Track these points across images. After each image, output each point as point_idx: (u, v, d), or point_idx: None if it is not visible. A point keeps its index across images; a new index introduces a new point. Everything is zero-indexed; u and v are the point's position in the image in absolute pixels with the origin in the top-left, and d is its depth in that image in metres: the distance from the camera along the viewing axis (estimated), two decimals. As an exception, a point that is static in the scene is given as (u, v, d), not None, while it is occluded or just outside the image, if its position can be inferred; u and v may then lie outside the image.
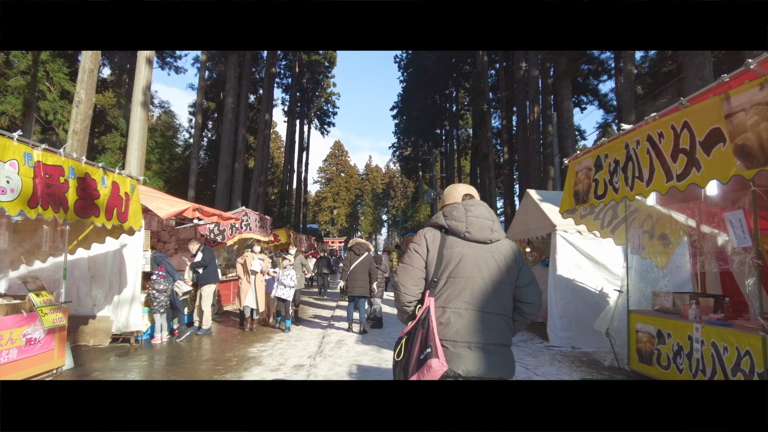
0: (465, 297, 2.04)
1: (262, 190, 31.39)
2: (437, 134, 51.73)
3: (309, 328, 9.21)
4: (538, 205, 8.27)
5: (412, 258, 2.17)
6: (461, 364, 1.96)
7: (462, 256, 2.09)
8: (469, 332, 2.00)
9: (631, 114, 17.02)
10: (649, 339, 5.01)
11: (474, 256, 2.09)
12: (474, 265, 2.08)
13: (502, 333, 2.05)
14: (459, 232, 2.13)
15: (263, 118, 31.60)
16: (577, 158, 5.75)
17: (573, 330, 7.29)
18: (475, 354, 1.97)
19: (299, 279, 9.48)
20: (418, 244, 2.20)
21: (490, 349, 2.00)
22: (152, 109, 31.53)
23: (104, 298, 7.12)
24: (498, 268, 2.09)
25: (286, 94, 44.91)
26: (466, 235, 2.12)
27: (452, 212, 2.18)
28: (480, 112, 29.91)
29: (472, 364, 1.96)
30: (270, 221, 13.68)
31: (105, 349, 6.84)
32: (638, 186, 4.46)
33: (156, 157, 21.17)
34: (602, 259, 7.40)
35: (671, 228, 6.00)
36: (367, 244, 9.17)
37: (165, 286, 7.16)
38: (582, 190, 5.55)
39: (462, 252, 2.10)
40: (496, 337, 2.03)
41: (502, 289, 2.08)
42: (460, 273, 2.07)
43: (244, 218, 10.72)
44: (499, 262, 2.10)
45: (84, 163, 4.68)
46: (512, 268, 2.13)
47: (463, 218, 2.14)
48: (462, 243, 2.12)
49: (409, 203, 72.22)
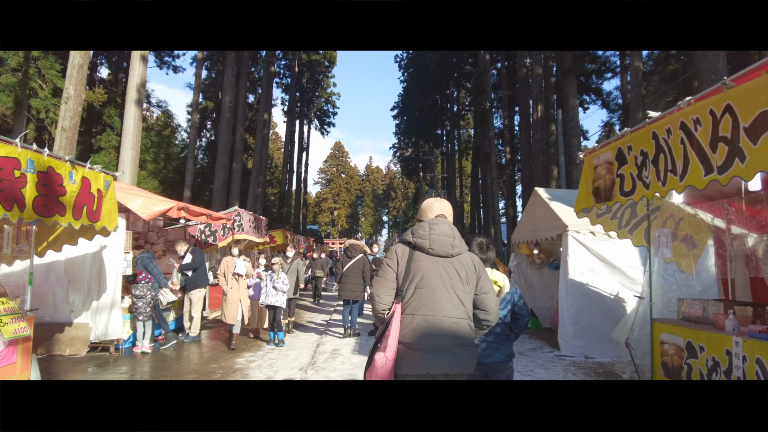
0: (430, 305, 2.32)
1: (260, 191, 30.91)
2: (438, 135, 51.27)
3: (303, 334, 8.70)
4: (548, 204, 7.76)
5: (385, 271, 2.45)
6: (426, 365, 2.24)
7: (427, 268, 2.38)
8: (434, 335, 2.28)
9: (639, 111, 16.51)
10: (676, 351, 4.50)
11: (437, 268, 2.38)
12: (437, 276, 2.36)
13: (464, 334, 2.34)
14: (424, 248, 2.42)
15: (261, 117, 31.12)
16: (594, 151, 5.23)
17: (586, 338, 6.77)
18: (439, 357, 2.25)
19: (291, 286, 8.40)
20: (390, 258, 2.48)
21: (454, 350, 2.29)
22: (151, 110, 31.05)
23: (82, 304, 6.62)
24: (459, 278, 2.39)
25: (285, 93, 44.45)
26: (430, 251, 2.41)
27: (418, 230, 2.48)
28: (482, 111, 29.39)
29: (435, 364, 2.24)
30: (266, 222, 13.16)
31: (81, 359, 6.34)
32: (671, 181, 3.95)
33: (151, 156, 20.68)
34: (617, 262, 6.89)
35: (696, 229, 5.49)
36: (362, 246, 8.68)
37: (146, 292, 6.64)
38: (604, 186, 5.03)
39: (427, 265, 2.39)
40: (460, 340, 2.32)
41: (463, 296, 2.38)
42: (425, 284, 2.35)
43: (237, 218, 10.21)
44: (460, 273, 2.40)
45: (47, 155, 4.18)
46: (471, 277, 2.44)
47: (427, 236, 2.43)
48: (427, 257, 2.41)
49: (410, 204, 71.81)
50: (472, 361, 2.37)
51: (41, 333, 6.42)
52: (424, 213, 2.65)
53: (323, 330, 9.14)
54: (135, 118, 16.05)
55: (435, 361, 2.25)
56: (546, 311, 9.48)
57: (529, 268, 9.46)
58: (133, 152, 15.99)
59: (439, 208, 2.62)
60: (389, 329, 2.28)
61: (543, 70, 23.07)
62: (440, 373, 2.25)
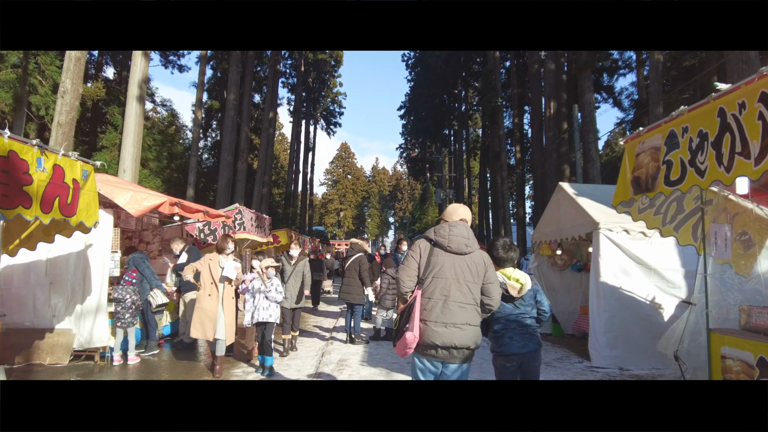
0: (444, 291, 2.87)
1: (266, 191, 30.38)
2: (445, 135, 50.57)
3: (308, 339, 8.08)
4: (574, 199, 7.10)
5: (409, 261, 2.99)
6: (439, 337, 2.81)
7: (444, 262, 2.92)
8: (445, 316, 2.84)
9: (658, 106, 15.78)
10: (744, 369, 3.83)
11: (452, 263, 2.92)
12: (451, 269, 2.90)
13: (471, 316, 2.89)
14: (443, 245, 2.94)
15: (267, 116, 30.62)
16: (638, 137, 4.57)
17: (620, 348, 6.10)
18: (450, 330, 2.82)
19: (294, 292, 6.91)
20: (414, 251, 3.02)
21: (462, 327, 2.84)
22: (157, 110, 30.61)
23: (65, 308, 6.04)
24: (469, 271, 2.92)
25: (291, 93, 44.02)
26: (448, 248, 2.93)
27: (440, 230, 2.99)
28: (491, 109, 28.68)
29: (446, 337, 2.81)
30: (269, 221, 12.58)
31: (62, 369, 5.75)
32: (740, 165, 3.28)
33: (154, 154, 20.20)
34: (654, 263, 6.21)
35: (754, 225, 4.81)
36: (362, 244, 8.08)
37: (125, 296, 6.03)
38: (645, 176, 4.38)
39: (444, 260, 2.92)
40: (466, 319, 2.86)
41: (472, 286, 2.92)
42: (441, 274, 2.90)
43: (238, 216, 9.62)
44: (471, 268, 2.93)
45: (7, 137, 3.59)
46: (480, 271, 2.96)
47: (446, 236, 2.95)
48: (445, 253, 2.93)
49: (417, 205, 71.11)
50: (477, 338, 2.91)
51: (20, 340, 5.86)
52: (448, 215, 3.16)
53: (329, 336, 8.52)
54: (136, 115, 15.58)
55: (446, 334, 2.80)
56: (568, 316, 8.80)
57: (550, 271, 8.79)
58: (135, 150, 15.54)
59: (462, 213, 3.13)
60: (413, 311, 2.84)
61: (556, 66, 22.35)
62: (450, 344, 2.81)
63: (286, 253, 7.49)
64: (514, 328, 3.38)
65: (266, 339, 5.66)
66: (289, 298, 6.81)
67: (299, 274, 7.14)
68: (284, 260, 7.21)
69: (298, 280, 7.08)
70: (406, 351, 2.88)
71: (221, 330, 5.49)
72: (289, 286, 6.91)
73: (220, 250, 5.76)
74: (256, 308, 5.69)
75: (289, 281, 6.97)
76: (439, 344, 2.81)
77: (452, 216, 3.12)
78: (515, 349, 3.33)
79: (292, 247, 7.54)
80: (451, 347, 2.82)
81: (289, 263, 7.18)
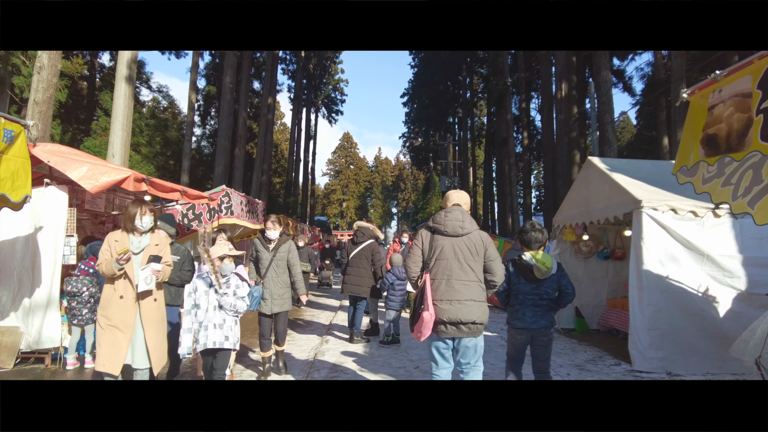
0: (447, 271, 3.17)
1: (265, 179, 29.38)
2: (449, 123, 49.36)
3: (302, 335, 7.16)
4: (608, 175, 6.10)
5: (413, 249, 3.33)
6: (445, 314, 3.09)
7: (444, 245, 3.22)
8: (449, 293, 3.13)
9: (682, 82, 14.68)
10: None
11: (451, 245, 3.21)
12: (451, 250, 3.20)
13: (475, 293, 3.16)
14: (441, 230, 3.25)
15: (265, 101, 29.57)
16: (711, 84, 3.57)
17: (667, 349, 5.14)
18: (455, 307, 3.09)
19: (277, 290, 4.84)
20: (417, 240, 3.36)
21: (466, 303, 3.10)
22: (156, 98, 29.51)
23: (11, 302, 5.12)
24: (468, 251, 3.20)
25: (291, 80, 42.92)
26: (445, 232, 3.24)
27: (437, 218, 3.31)
28: (498, 93, 27.50)
29: (452, 314, 3.09)
30: (263, 206, 11.63)
31: (7, 373, 4.85)
32: None
33: (146, 139, 19.27)
34: (707, 248, 5.23)
35: None
36: (373, 229, 7.07)
37: (82, 288, 5.11)
38: (728, 132, 3.39)
39: (444, 243, 3.23)
40: (470, 295, 3.13)
41: (473, 265, 3.19)
42: (443, 256, 3.21)
43: (225, 199, 8.67)
44: (470, 247, 3.20)
45: None
46: (480, 250, 3.22)
47: (442, 221, 3.26)
48: (444, 237, 3.24)
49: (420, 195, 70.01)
50: (483, 312, 3.16)
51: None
52: (444, 202, 3.48)
53: (325, 331, 7.59)
54: (125, 97, 14.55)
55: (451, 310, 3.09)
56: (593, 310, 7.85)
57: (573, 259, 7.81)
58: (124, 133, 14.55)
59: (455, 198, 3.42)
60: (426, 293, 3.13)
61: (567, 46, 21.14)
62: (456, 320, 3.09)
63: (260, 235, 5.07)
64: (529, 306, 3.65)
65: (217, 372, 3.55)
66: (268, 300, 4.75)
67: (282, 264, 4.88)
68: (258, 244, 4.97)
69: (282, 273, 4.87)
70: (424, 332, 3.09)
71: (140, 355, 3.36)
72: (268, 282, 4.78)
73: (128, 222, 3.45)
74: (203, 325, 3.51)
75: (267, 275, 4.80)
76: (446, 320, 3.08)
77: (447, 203, 3.43)
78: (527, 324, 3.63)
79: (269, 227, 4.92)
80: (458, 322, 3.08)
81: (267, 249, 4.89)
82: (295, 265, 4.99)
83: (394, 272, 6.58)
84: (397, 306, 6.58)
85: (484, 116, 49.62)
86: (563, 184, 20.29)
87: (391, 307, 6.57)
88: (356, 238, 6.92)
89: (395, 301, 6.56)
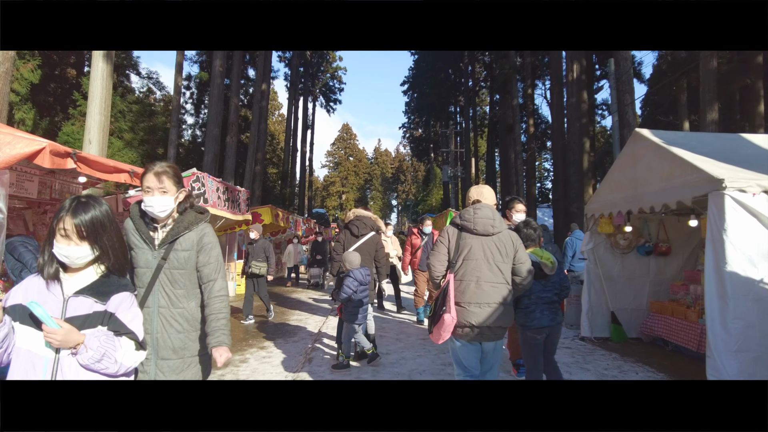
0: (475, 273, 2.94)
1: (259, 169, 28.03)
2: (451, 112, 47.94)
3: (281, 352, 5.87)
4: (668, 150, 4.78)
5: (439, 247, 3.08)
6: (474, 317, 2.88)
7: (472, 244, 2.98)
8: (478, 296, 2.91)
9: (712, 59, 13.35)
10: None
11: (481, 244, 2.98)
12: (480, 251, 2.97)
13: (503, 295, 2.95)
14: (469, 229, 3.01)
15: (259, 87, 28.20)
16: None
17: (762, 375, 3.86)
18: (484, 310, 2.89)
19: None
20: (443, 237, 3.10)
21: (495, 306, 2.90)
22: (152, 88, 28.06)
23: None
24: (498, 252, 2.98)
25: (288, 68, 41.34)
26: (474, 231, 2.99)
27: (464, 215, 3.07)
28: (503, 77, 26.06)
29: (481, 317, 2.88)
30: (247, 195, 10.31)
31: None
32: None
33: (128, 125, 17.92)
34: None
35: None
36: (375, 219, 5.69)
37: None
38: None
39: (472, 242, 2.99)
40: (498, 298, 2.92)
41: (502, 266, 2.98)
42: (471, 257, 2.97)
43: (195, 185, 7.35)
44: (500, 248, 2.98)
45: None
46: (510, 251, 3.01)
47: (471, 219, 3.01)
48: (472, 236, 3.00)
49: (420, 187, 68.73)
50: (511, 316, 3.02)
51: None
52: (467, 200, 3.29)
53: (311, 343, 6.32)
54: (103, 77, 13.18)
55: (480, 314, 2.88)
56: (632, 315, 6.57)
57: (608, 254, 6.53)
58: (102, 117, 13.22)
59: (476, 194, 3.27)
60: (448, 294, 2.90)
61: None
62: (485, 323, 2.88)
63: (136, 209, 2.38)
64: (542, 304, 3.56)
65: None
66: (151, 360, 2.26)
67: (183, 277, 2.31)
68: (132, 234, 2.32)
69: (183, 297, 2.33)
70: (444, 334, 2.91)
71: None
72: (152, 318, 2.28)
73: None
74: None
75: (149, 300, 2.29)
76: (474, 323, 2.89)
77: (468, 200, 3.27)
78: (546, 322, 3.52)
79: (147, 185, 2.21)
80: (486, 326, 2.91)
81: (148, 243, 2.28)
82: (216, 280, 2.35)
83: (355, 276, 4.95)
84: (362, 320, 5.05)
85: (486, 105, 48.27)
86: (575, 172, 19.00)
87: (356, 321, 5.00)
88: (356, 229, 5.43)
89: (356, 314, 4.98)
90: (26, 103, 16.63)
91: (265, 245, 8.09)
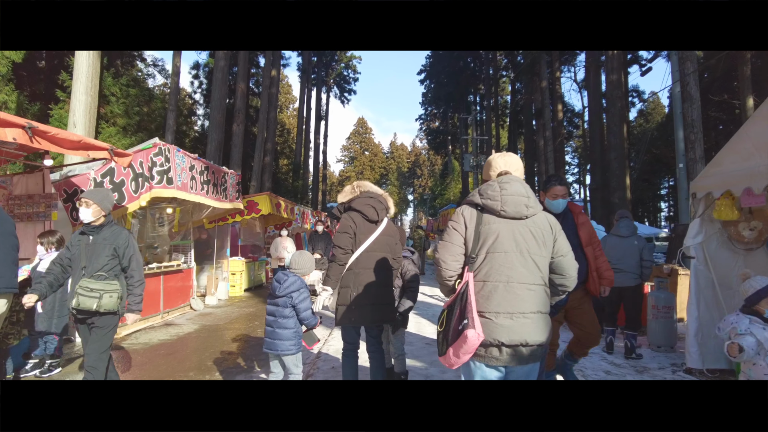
0: (504, 270, 2.07)
1: (268, 160, 26.46)
2: (470, 101, 45.87)
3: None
4: None
5: (451, 235, 2.19)
6: (505, 333, 2.01)
7: (499, 231, 2.11)
8: (510, 303, 2.04)
9: None
10: None
11: (511, 231, 2.11)
12: (511, 240, 2.10)
13: (541, 302, 2.10)
14: (495, 209, 2.13)
15: (268, 73, 26.59)
16: None
17: None
18: (517, 323, 2.02)
19: None
20: (457, 222, 2.21)
21: (532, 317, 2.05)
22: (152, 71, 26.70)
23: None
24: (535, 241, 2.12)
25: (300, 56, 39.71)
26: (501, 213, 2.12)
27: (487, 191, 2.18)
28: (531, 58, 23.99)
29: (514, 333, 2.01)
30: (237, 179, 8.59)
31: None
32: None
33: (121, 109, 16.40)
34: None
35: None
36: (388, 201, 3.76)
37: None
38: None
39: (498, 228, 2.11)
40: (536, 306, 2.07)
41: (539, 260, 2.12)
42: (498, 248, 2.10)
43: (157, 160, 5.62)
44: (536, 236, 2.13)
45: None
46: (549, 239, 2.16)
47: (498, 197, 2.13)
48: (498, 220, 2.13)
49: (437, 181, 66.69)
50: (550, 330, 2.16)
51: None
52: (486, 172, 2.38)
53: (310, 366, 4.54)
54: (89, 54, 11.62)
55: (514, 328, 2.02)
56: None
57: (725, 250, 4.61)
58: (88, 98, 11.69)
59: (503, 165, 2.30)
60: (469, 302, 2.02)
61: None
62: (519, 341, 2.02)
63: None
64: None
65: None
66: None
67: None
68: None
69: None
70: (463, 357, 1.97)
71: None
72: None
73: None
74: None
75: None
76: (505, 342, 2.01)
77: (489, 172, 2.32)
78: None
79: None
80: (521, 344, 2.03)
81: None
82: None
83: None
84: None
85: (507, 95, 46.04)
86: (616, 157, 16.92)
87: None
88: (372, 212, 3.42)
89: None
90: (8, 84, 15.16)
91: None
